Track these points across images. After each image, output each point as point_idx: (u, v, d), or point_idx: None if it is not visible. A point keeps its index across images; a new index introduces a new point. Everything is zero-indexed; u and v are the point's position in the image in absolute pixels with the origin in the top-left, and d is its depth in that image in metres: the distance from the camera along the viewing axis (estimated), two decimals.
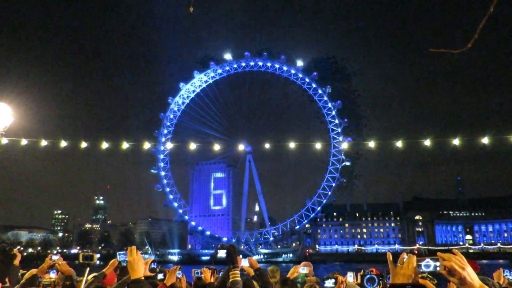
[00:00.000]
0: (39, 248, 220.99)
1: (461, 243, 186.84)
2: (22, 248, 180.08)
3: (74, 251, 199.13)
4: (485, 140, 22.80)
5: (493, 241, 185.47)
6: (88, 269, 5.67)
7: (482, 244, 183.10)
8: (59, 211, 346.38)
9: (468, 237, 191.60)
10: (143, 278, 3.41)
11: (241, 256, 6.50)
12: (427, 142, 25.46)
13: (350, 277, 8.02)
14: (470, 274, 2.39)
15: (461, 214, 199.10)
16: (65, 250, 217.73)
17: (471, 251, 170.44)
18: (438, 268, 2.46)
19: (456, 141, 24.28)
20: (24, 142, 21.14)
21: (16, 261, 6.77)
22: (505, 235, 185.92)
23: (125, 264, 3.69)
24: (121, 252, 3.64)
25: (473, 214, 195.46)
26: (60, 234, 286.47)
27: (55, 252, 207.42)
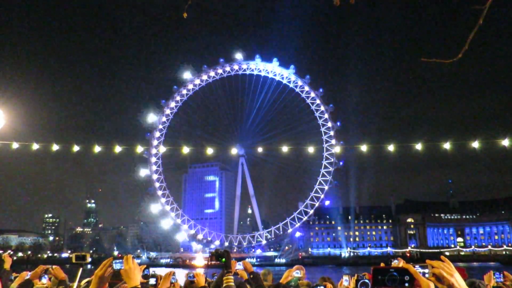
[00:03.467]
0: (29, 252, 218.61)
1: (452, 246, 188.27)
2: (12, 252, 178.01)
3: (65, 255, 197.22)
4: (476, 144, 23.10)
5: (484, 244, 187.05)
6: (81, 269, 5.67)
7: (473, 247, 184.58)
8: (50, 215, 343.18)
9: (459, 239, 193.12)
10: (139, 286, 3.45)
11: (234, 259, 6.52)
12: (419, 146, 25.70)
13: (345, 281, 8.11)
14: (458, 280, 2.46)
15: (452, 217, 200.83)
16: (55, 254, 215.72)
17: (462, 253, 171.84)
18: (427, 275, 2.53)
19: (447, 145, 24.54)
20: (15, 145, 20.98)
21: (7, 265, 6.77)
22: (496, 237, 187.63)
23: (117, 269, 3.70)
24: (117, 260, 3.64)
25: (464, 216, 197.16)
26: (51, 238, 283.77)
27: (45, 256, 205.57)
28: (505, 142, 21.36)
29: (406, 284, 2.46)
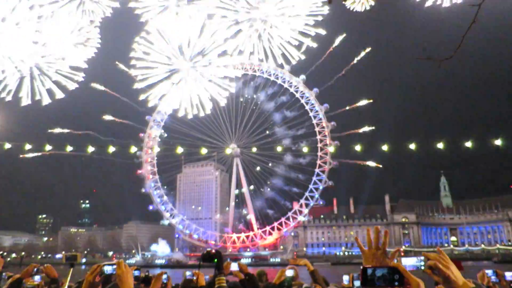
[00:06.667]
0: (23, 253, 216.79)
1: (446, 245, 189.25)
2: (5, 253, 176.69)
3: (59, 256, 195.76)
4: (469, 144, 23.25)
5: (477, 243, 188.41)
6: (71, 270, 5.60)
7: (466, 246, 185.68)
8: (44, 215, 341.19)
9: (453, 238, 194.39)
10: None
11: (229, 260, 6.50)
12: (412, 146, 25.85)
13: (346, 281, 8.21)
14: (454, 272, 2.46)
15: (446, 216, 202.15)
16: (49, 255, 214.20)
17: (455, 252, 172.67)
18: (422, 267, 2.56)
19: (440, 145, 24.69)
20: (8, 146, 20.83)
21: None
22: (489, 236, 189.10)
23: (108, 273, 3.67)
24: (108, 265, 3.61)
25: (457, 216, 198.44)
26: (45, 239, 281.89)
27: (39, 257, 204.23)
28: (498, 142, 21.52)
29: (396, 283, 2.41)
